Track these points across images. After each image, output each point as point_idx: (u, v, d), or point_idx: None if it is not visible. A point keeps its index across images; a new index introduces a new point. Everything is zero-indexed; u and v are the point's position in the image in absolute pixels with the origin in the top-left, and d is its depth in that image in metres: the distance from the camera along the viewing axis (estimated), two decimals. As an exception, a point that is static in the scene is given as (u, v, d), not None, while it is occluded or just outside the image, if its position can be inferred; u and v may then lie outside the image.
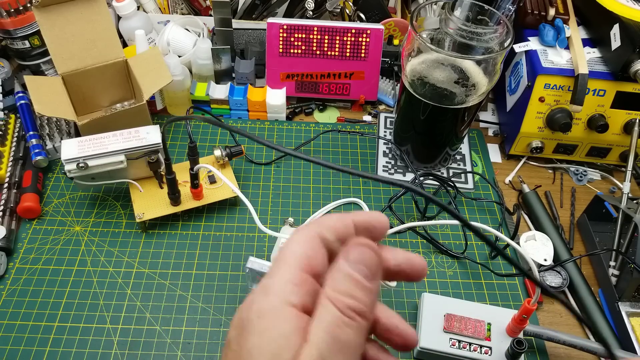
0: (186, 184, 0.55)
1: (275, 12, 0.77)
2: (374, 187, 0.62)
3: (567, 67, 0.60)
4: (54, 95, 0.58)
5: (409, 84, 0.56)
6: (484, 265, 0.55)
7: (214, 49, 0.68)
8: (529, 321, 0.46)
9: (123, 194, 0.58)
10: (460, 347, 0.45)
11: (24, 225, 0.55)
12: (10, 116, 0.62)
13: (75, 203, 0.57)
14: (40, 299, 0.49)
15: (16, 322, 0.48)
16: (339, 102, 0.72)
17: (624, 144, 0.63)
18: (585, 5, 0.65)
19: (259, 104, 0.67)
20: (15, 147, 0.60)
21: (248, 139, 0.66)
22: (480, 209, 0.61)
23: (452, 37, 0.54)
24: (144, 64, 0.62)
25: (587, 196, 0.62)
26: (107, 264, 0.52)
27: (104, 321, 0.48)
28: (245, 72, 0.70)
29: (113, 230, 0.55)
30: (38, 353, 0.46)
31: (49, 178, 0.60)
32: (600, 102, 0.60)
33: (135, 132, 0.53)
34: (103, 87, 0.63)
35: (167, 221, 0.56)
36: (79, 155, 0.50)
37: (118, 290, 0.50)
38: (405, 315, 0.50)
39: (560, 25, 0.63)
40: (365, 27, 0.66)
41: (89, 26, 0.59)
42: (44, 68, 0.68)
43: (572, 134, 0.63)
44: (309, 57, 0.68)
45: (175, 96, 0.66)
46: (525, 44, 0.63)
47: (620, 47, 0.57)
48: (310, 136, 0.67)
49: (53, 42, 0.58)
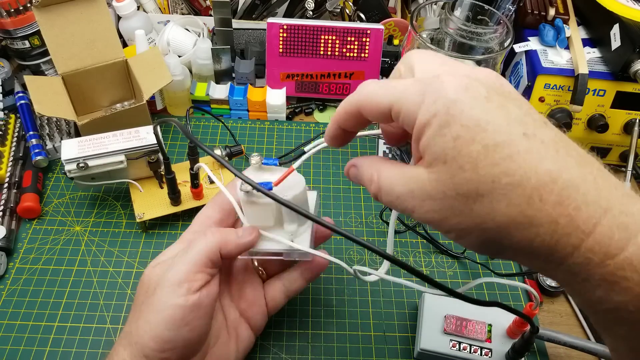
0: (186, 183, 0.55)
1: (275, 12, 0.77)
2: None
3: (567, 67, 0.60)
4: (54, 95, 0.58)
5: (409, 84, 0.56)
6: (484, 265, 0.55)
7: (214, 49, 0.68)
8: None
9: (123, 194, 0.58)
10: (460, 348, 0.45)
11: (24, 225, 0.55)
12: (10, 116, 0.62)
13: (75, 203, 0.57)
14: (40, 299, 0.49)
15: (16, 322, 0.48)
16: (339, 102, 0.72)
17: (624, 144, 0.63)
18: (585, 5, 0.65)
19: (259, 104, 0.67)
20: (15, 147, 0.60)
21: (248, 139, 0.66)
22: (480, 209, 0.61)
23: (452, 37, 0.54)
24: (144, 64, 0.62)
25: (587, 196, 0.62)
26: (107, 264, 0.52)
27: (104, 321, 0.48)
28: (245, 72, 0.70)
29: (113, 230, 0.55)
30: (38, 353, 0.46)
31: (49, 178, 0.60)
32: (600, 102, 0.60)
33: (135, 132, 0.53)
34: (103, 87, 0.63)
35: (167, 221, 0.56)
36: (79, 156, 0.50)
37: (118, 290, 0.50)
38: (405, 315, 0.50)
39: (560, 25, 0.63)
40: (365, 27, 0.66)
41: (89, 26, 0.59)
42: (44, 68, 0.68)
43: (572, 134, 0.62)
44: (309, 57, 0.68)
45: (175, 96, 0.66)
46: (525, 44, 0.63)
47: (620, 47, 0.57)
48: (310, 136, 0.67)
49: (53, 42, 0.58)
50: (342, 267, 0.39)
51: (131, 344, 0.35)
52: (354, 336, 0.49)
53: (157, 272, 0.37)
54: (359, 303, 0.51)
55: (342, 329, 0.49)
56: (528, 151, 0.22)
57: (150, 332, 0.34)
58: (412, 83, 0.26)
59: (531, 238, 0.23)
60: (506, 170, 0.22)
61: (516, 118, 0.23)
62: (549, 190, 0.22)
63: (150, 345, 0.34)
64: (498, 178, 0.22)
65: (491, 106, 0.23)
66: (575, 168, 0.23)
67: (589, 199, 0.22)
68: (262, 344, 0.47)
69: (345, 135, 0.32)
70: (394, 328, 0.49)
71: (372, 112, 0.28)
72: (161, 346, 0.34)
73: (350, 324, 0.50)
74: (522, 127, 0.23)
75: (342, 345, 0.48)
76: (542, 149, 0.23)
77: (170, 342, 0.34)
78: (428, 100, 0.24)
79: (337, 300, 0.51)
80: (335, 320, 0.50)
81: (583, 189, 0.22)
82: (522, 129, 0.23)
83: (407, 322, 0.50)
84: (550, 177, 0.22)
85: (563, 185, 0.22)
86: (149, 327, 0.34)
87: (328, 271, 0.53)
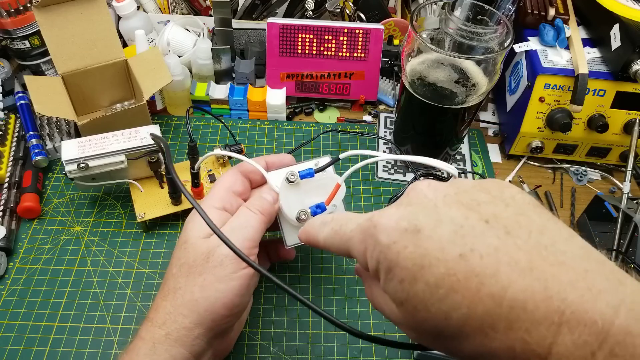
0: (187, 183, 0.55)
1: (275, 12, 0.77)
2: (374, 187, 0.62)
3: (567, 67, 0.60)
4: (54, 95, 0.58)
5: (409, 84, 0.56)
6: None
7: (214, 49, 0.68)
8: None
9: (123, 194, 0.58)
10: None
11: (24, 225, 0.55)
12: (10, 116, 0.62)
13: (75, 203, 0.57)
14: (40, 299, 0.49)
15: (16, 322, 0.48)
16: (339, 102, 0.73)
17: (624, 144, 0.63)
18: (585, 5, 0.65)
19: (259, 104, 0.67)
20: (15, 147, 0.60)
21: (248, 139, 0.66)
22: (480, 209, 0.61)
23: (452, 37, 0.54)
24: (144, 64, 0.62)
25: (587, 196, 0.62)
26: (107, 264, 0.52)
27: (104, 321, 0.48)
28: (245, 72, 0.70)
29: (113, 230, 0.55)
30: (38, 353, 0.46)
31: (49, 178, 0.60)
32: (600, 102, 0.60)
33: (136, 132, 0.53)
34: (103, 87, 0.63)
35: (167, 221, 0.56)
36: (80, 156, 0.50)
37: (118, 290, 0.50)
38: (405, 315, 0.50)
39: (560, 25, 0.63)
40: (365, 27, 0.66)
41: (89, 26, 0.59)
42: (44, 68, 0.68)
43: (572, 134, 0.63)
44: (309, 57, 0.68)
45: (175, 96, 0.66)
46: (525, 44, 0.63)
47: (620, 47, 0.57)
48: (310, 136, 0.67)
49: (53, 42, 0.58)
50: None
51: (188, 308, 0.37)
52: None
53: (214, 243, 0.38)
54: (359, 303, 0.51)
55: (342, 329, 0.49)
56: (467, 277, 0.21)
57: (223, 299, 0.37)
58: (355, 229, 0.28)
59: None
60: (452, 304, 0.22)
61: (450, 237, 0.22)
62: (497, 315, 0.20)
63: (221, 312, 0.37)
64: (449, 315, 0.22)
65: (423, 236, 0.23)
66: (520, 278, 0.20)
67: (538, 316, 0.20)
68: (262, 344, 0.47)
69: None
70: (394, 328, 0.49)
71: (341, 254, 0.31)
72: (230, 311, 0.38)
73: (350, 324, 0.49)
74: (456, 246, 0.22)
75: (342, 345, 0.48)
76: (481, 267, 0.21)
77: (237, 307, 0.38)
78: (369, 249, 0.26)
79: (337, 300, 0.51)
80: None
81: (531, 305, 0.20)
82: (457, 250, 0.22)
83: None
84: (494, 302, 0.21)
85: (509, 305, 0.20)
86: (221, 294, 0.37)
87: (328, 271, 0.53)
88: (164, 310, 0.37)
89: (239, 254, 0.33)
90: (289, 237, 0.43)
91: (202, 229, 0.40)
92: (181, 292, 0.37)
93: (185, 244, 0.39)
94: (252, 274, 0.38)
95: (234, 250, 0.33)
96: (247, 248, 0.39)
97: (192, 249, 0.39)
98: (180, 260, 0.39)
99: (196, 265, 0.38)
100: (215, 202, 0.41)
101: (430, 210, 0.24)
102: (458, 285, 0.21)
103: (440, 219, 0.23)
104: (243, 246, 0.38)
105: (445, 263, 0.22)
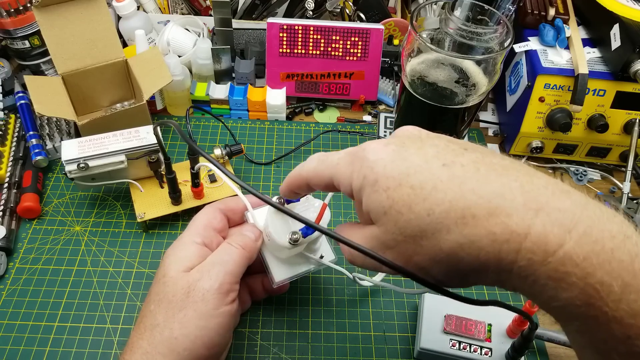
0: (187, 183, 0.55)
1: (275, 12, 0.77)
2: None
3: (567, 67, 0.60)
4: (54, 95, 0.58)
5: (409, 84, 0.56)
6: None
7: (214, 49, 0.68)
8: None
9: (123, 194, 0.58)
10: (460, 348, 0.45)
11: (24, 225, 0.55)
12: (10, 116, 0.62)
13: (75, 203, 0.57)
14: (40, 299, 0.49)
15: (16, 322, 0.48)
16: (339, 102, 0.73)
17: (624, 144, 0.63)
18: (585, 5, 0.65)
19: (259, 104, 0.67)
20: (15, 147, 0.60)
21: (248, 139, 0.66)
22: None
23: (452, 37, 0.54)
24: (144, 64, 0.62)
25: (587, 196, 0.62)
26: (107, 264, 0.52)
27: (104, 321, 0.48)
28: (245, 72, 0.70)
29: (113, 230, 0.55)
30: (38, 353, 0.46)
31: (49, 178, 0.60)
32: (600, 102, 0.60)
33: (136, 132, 0.53)
34: (103, 87, 0.63)
35: (167, 221, 0.56)
36: (80, 156, 0.50)
37: (118, 290, 0.50)
38: (405, 315, 0.50)
39: (560, 25, 0.63)
40: (365, 27, 0.66)
41: (89, 26, 0.59)
42: (44, 68, 0.68)
43: (572, 134, 0.63)
44: (309, 57, 0.68)
45: (175, 96, 0.66)
46: (525, 44, 0.63)
47: (620, 47, 0.57)
48: (310, 136, 0.67)
49: (53, 42, 0.58)
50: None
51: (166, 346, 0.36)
52: (354, 336, 0.49)
53: (195, 277, 0.38)
54: (359, 303, 0.51)
55: (342, 329, 0.49)
56: (450, 178, 0.25)
57: (203, 337, 0.36)
58: (343, 156, 0.30)
59: (476, 254, 0.24)
60: (435, 200, 0.24)
61: (434, 155, 0.26)
62: (478, 205, 0.23)
63: (201, 352, 0.36)
64: (432, 210, 0.24)
65: (409, 153, 0.27)
66: (498, 179, 0.24)
67: (516, 204, 0.23)
68: (262, 344, 0.47)
69: (299, 194, 0.37)
70: (394, 328, 0.49)
71: (318, 185, 0.33)
72: (210, 351, 0.37)
73: (350, 324, 0.50)
74: (439, 160, 0.26)
75: (342, 345, 0.48)
76: (462, 172, 0.25)
77: (217, 347, 0.38)
78: (356, 168, 0.28)
79: (337, 300, 0.51)
80: (335, 320, 0.50)
81: (509, 195, 0.23)
82: (440, 162, 0.25)
83: (407, 322, 0.50)
84: (476, 194, 0.24)
85: (489, 198, 0.23)
86: (201, 332, 0.36)
87: (328, 271, 0.53)
88: (141, 351, 0.36)
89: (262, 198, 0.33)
90: (277, 274, 0.42)
91: (182, 263, 0.39)
92: (159, 330, 0.36)
93: (164, 278, 0.38)
94: (234, 311, 0.38)
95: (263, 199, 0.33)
96: (228, 283, 0.38)
97: (171, 283, 0.38)
98: (159, 296, 0.38)
99: (176, 300, 0.37)
100: (195, 237, 0.41)
101: (416, 138, 0.28)
102: (441, 185, 0.24)
103: (424, 144, 0.27)
104: (224, 281, 0.38)
105: (429, 169, 0.25)
